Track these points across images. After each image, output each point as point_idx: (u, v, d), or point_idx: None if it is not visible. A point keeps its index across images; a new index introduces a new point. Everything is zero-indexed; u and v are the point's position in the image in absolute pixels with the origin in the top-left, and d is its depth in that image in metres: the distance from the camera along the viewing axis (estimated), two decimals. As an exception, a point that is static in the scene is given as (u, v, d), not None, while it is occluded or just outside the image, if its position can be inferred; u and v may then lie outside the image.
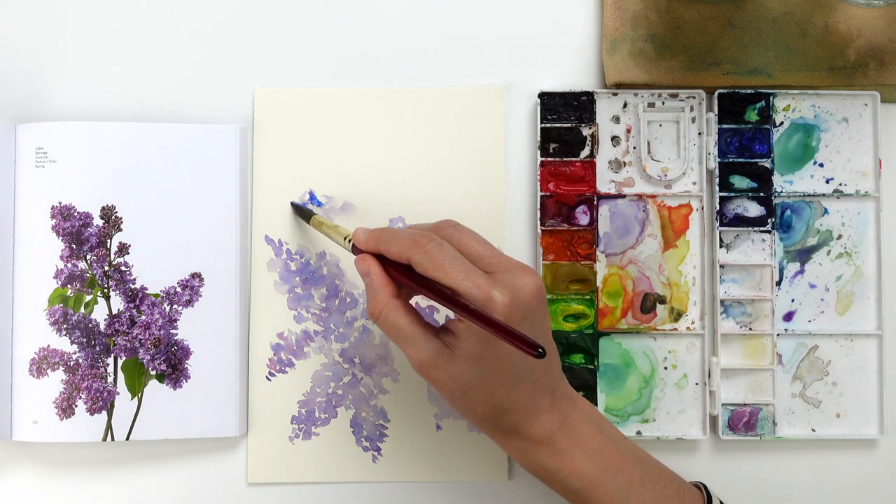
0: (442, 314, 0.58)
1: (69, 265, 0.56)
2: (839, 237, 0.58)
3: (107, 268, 0.57)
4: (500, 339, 0.42)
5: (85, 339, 0.56)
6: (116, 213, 0.57)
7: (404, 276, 0.47)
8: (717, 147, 0.58)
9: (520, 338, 0.41)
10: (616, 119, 0.59)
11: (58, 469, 0.58)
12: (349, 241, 0.51)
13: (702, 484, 0.52)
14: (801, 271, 0.58)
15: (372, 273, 0.48)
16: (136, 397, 0.56)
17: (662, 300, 0.58)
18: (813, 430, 0.58)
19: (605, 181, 0.58)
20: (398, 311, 0.47)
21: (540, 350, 0.40)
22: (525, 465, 0.49)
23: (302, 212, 0.58)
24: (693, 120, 0.58)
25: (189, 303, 0.57)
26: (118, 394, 0.56)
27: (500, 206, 0.58)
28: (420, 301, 0.57)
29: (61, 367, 0.56)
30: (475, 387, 0.46)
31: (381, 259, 0.49)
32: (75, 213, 0.57)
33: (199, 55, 0.60)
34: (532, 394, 0.47)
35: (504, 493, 0.58)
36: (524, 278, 0.46)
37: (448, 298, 0.44)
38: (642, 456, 0.50)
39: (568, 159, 0.58)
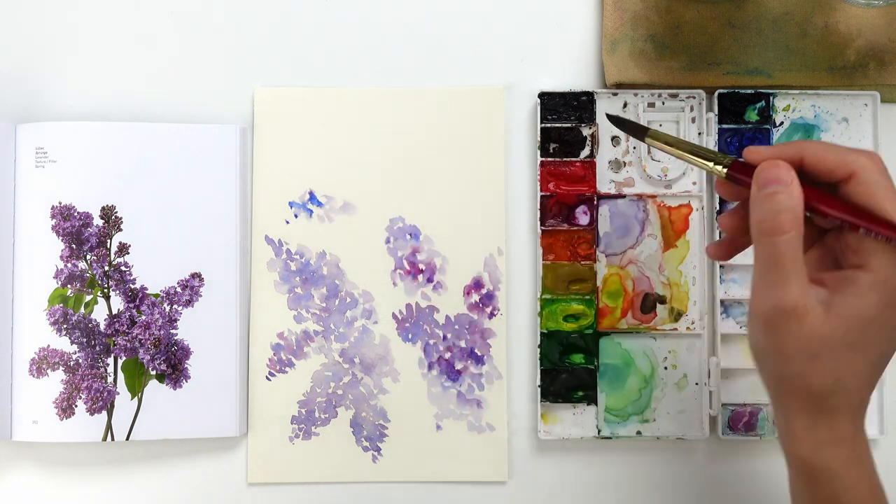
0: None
1: (69, 265, 0.56)
2: (839, 237, 0.58)
3: (107, 268, 0.57)
4: None
5: (85, 339, 0.56)
6: (116, 213, 0.57)
7: (832, 205, 0.41)
8: (717, 147, 0.58)
9: None
10: (616, 119, 0.59)
11: (58, 469, 0.58)
12: (724, 164, 0.44)
13: None
14: (801, 271, 0.58)
15: (790, 182, 0.41)
16: (136, 397, 0.56)
17: (662, 300, 0.58)
18: (813, 430, 0.58)
19: (605, 181, 0.58)
20: (801, 243, 0.40)
21: None
22: (805, 456, 0.42)
23: (626, 125, 0.49)
24: (693, 120, 0.58)
25: (189, 303, 0.57)
26: (118, 394, 0.56)
27: (500, 206, 0.58)
28: (420, 301, 0.58)
29: (61, 367, 0.56)
30: (835, 354, 0.40)
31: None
32: (75, 213, 0.57)
33: (199, 55, 0.60)
34: (870, 385, 0.42)
35: (504, 493, 0.58)
36: None
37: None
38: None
39: (568, 159, 0.58)
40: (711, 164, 0.44)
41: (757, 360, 0.43)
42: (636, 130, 0.47)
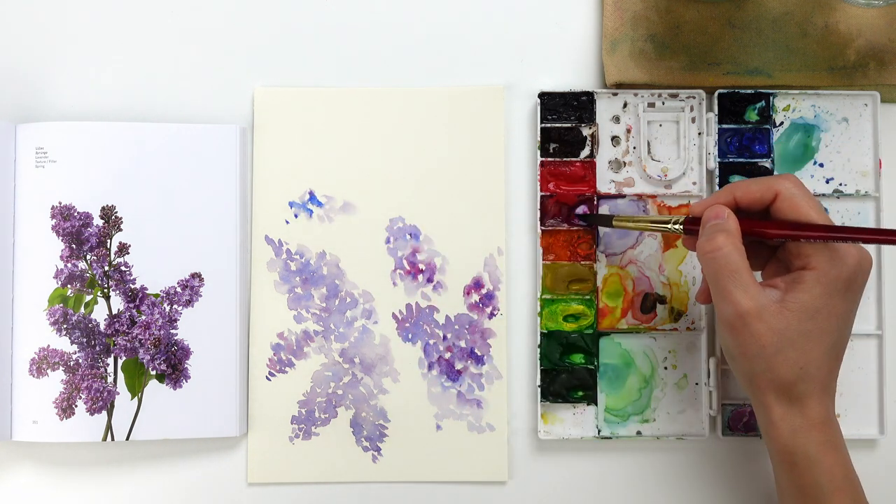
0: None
1: (69, 265, 0.56)
2: (839, 237, 0.58)
3: (107, 268, 0.57)
4: None
5: (85, 339, 0.56)
6: (116, 213, 0.57)
7: (765, 226, 0.47)
8: (717, 147, 0.58)
9: None
10: (616, 119, 0.59)
11: (58, 469, 0.58)
12: (676, 222, 0.51)
13: None
14: (801, 271, 0.58)
15: (728, 214, 0.48)
16: (136, 397, 0.56)
17: (662, 300, 0.58)
18: (813, 430, 0.58)
19: (605, 181, 0.58)
20: (741, 253, 0.47)
21: None
22: (784, 444, 0.48)
23: (596, 219, 0.57)
24: (693, 120, 0.58)
25: (189, 303, 0.57)
26: (118, 394, 0.56)
27: (500, 206, 0.58)
28: (420, 301, 0.58)
29: (61, 367, 0.56)
30: (794, 345, 0.46)
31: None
32: (75, 213, 0.57)
33: (199, 55, 0.60)
34: (833, 369, 0.48)
35: (504, 493, 0.58)
36: (862, 250, 0.48)
37: (832, 228, 0.45)
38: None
39: (568, 159, 0.58)
40: (669, 226, 0.51)
41: (731, 363, 0.50)
42: (602, 221, 0.56)
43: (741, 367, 0.48)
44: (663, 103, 0.58)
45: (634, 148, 0.58)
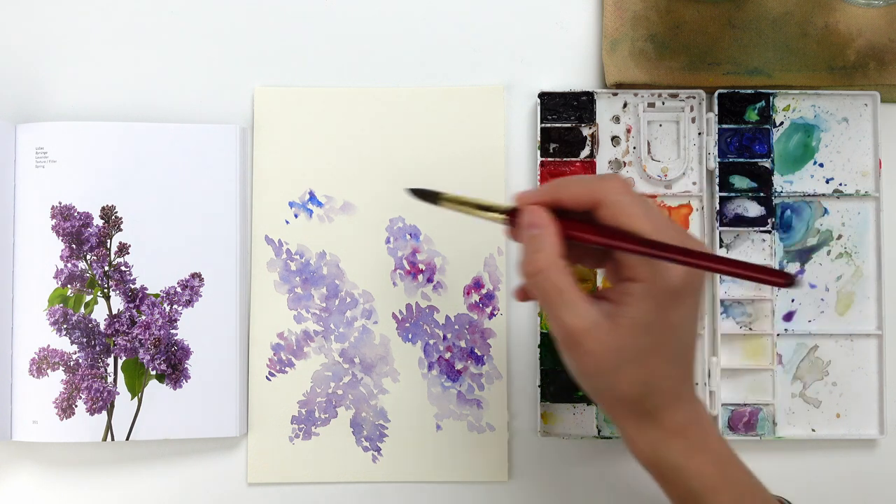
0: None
1: (69, 265, 0.56)
2: (839, 237, 0.58)
3: (107, 268, 0.57)
4: (740, 277, 0.39)
5: (85, 339, 0.56)
6: (116, 213, 0.57)
7: (586, 231, 0.43)
8: (717, 147, 0.58)
9: (766, 269, 0.38)
10: (616, 119, 0.59)
11: (58, 469, 0.58)
12: (500, 211, 0.46)
13: (786, 500, 0.50)
14: (801, 271, 0.58)
15: (545, 224, 0.43)
16: (136, 397, 0.56)
17: (662, 300, 0.58)
18: (813, 430, 0.58)
19: (605, 181, 0.58)
20: (563, 272, 0.43)
21: (790, 277, 0.37)
22: (650, 458, 0.45)
23: (424, 195, 0.50)
24: (693, 120, 0.58)
25: (189, 303, 0.57)
26: (118, 394, 0.56)
27: (500, 206, 0.58)
28: (420, 301, 0.57)
29: (61, 367, 0.56)
30: (633, 361, 0.43)
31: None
32: (75, 213, 0.57)
33: (199, 55, 0.60)
34: (682, 378, 0.44)
35: (504, 493, 0.58)
36: (693, 244, 0.44)
37: (648, 242, 0.41)
38: (750, 471, 0.47)
39: (568, 159, 0.58)
40: (495, 215, 0.46)
41: (578, 382, 0.45)
42: (430, 197, 0.49)
43: (586, 386, 0.45)
44: (663, 103, 0.58)
45: (634, 148, 0.58)
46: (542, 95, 0.58)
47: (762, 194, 0.58)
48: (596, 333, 0.42)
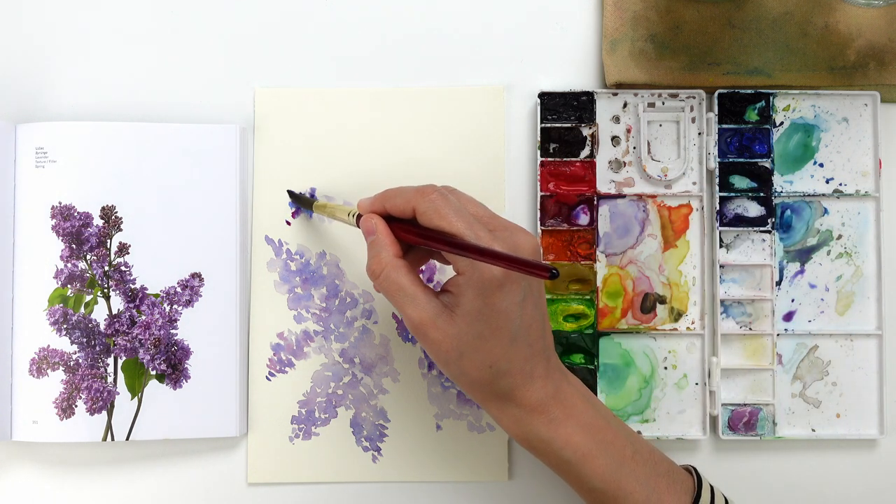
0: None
1: (69, 265, 0.56)
2: (839, 237, 0.58)
3: (107, 268, 0.57)
4: (511, 269, 0.42)
5: (85, 339, 0.56)
6: (116, 213, 0.57)
7: (409, 232, 0.48)
8: (717, 147, 0.58)
9: (529, 263, 0.41)
10: (616, 119, 0.59)
11: (58, 469, 0.58)
12: (353, 215, 0.51)
13: (692, 467, 0.52)
14: (801, 271, 0.58)
15: (378, 230, 0.49)
16: (136, 397, 0.56)
17: (662, 300, 0.58)
18: (813, 430, 0.58)
19: (605, 181, 0.58)
20: (401, 270, 0.47)
21: (553, 271, 0.39)
22: (518, 435, 0.49)
23: (301, 200, 0.58)
24: (693, 120, 0.58)
25: (189, 303, 0.57)
26: (118, 394, 0.56)
27: (500, 206, 0.58)
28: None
29: (61, 367, 0.56)
30: (473, 347, 0.46)
31: (388, 221, 0.49)
32: (75, 213, 0.57)
33: (199, 55, 0.60)
34: (528, 357, 0.48)
35: (504, 493, 0.58)
36: (523, 236, 0.47)
37: (453, 242, 0.45)
38: (633, 434, 0.51)
39: (568, 159, 0.58)
40: (347, 218, 0.52)
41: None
42: (306, 204, 0.57)
43: (446, 374, 0.49)
44: (663, 103, 0.58)
45: (634, 148, 0.58)
46: (542, 95, 0.58)
47: (762, 194, 0.58)
48: (438, 323, 0.46)
